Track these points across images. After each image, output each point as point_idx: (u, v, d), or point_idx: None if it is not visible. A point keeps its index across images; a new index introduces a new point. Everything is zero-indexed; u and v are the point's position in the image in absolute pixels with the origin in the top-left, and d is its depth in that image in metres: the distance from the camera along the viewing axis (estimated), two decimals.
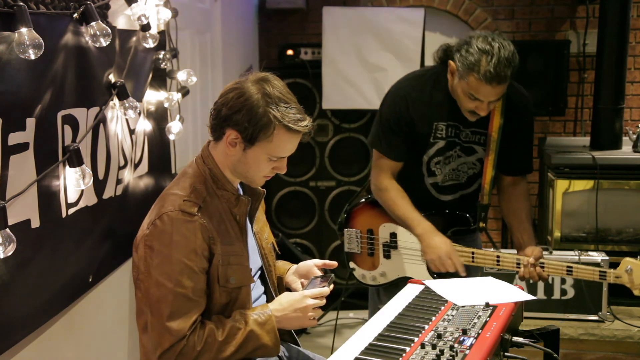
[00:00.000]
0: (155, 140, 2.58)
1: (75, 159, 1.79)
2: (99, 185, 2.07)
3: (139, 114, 2.40)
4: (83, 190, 1.92)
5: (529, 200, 2.62)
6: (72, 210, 1.88)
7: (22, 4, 1.46)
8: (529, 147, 2.63)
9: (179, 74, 2.67)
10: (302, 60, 4.27)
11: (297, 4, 4.57)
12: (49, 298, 1.83)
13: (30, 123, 1.63)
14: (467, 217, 2.59)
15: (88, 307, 2.11)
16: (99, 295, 2.19)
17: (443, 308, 2.02)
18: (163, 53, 2.54)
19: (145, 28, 2.25)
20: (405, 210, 2.49)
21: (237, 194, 1.91)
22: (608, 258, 3.50)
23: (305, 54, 4.30)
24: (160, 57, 2.53)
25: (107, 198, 2.13)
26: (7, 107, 1.52)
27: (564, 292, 3.61)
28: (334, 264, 2.08)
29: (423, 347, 1.68)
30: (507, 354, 1.87)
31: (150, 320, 1.79)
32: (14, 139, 1.56)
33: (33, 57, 1.45)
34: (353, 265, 2.74)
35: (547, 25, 4.62)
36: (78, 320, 2.06)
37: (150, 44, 2.29)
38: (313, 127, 1.85)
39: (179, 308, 1.75)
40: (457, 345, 1.70)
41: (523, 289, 2.31)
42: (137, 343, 1.96)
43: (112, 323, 2.36)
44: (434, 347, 1.69)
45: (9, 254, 1.48)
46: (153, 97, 2.55)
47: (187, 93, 2.74)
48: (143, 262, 1.81)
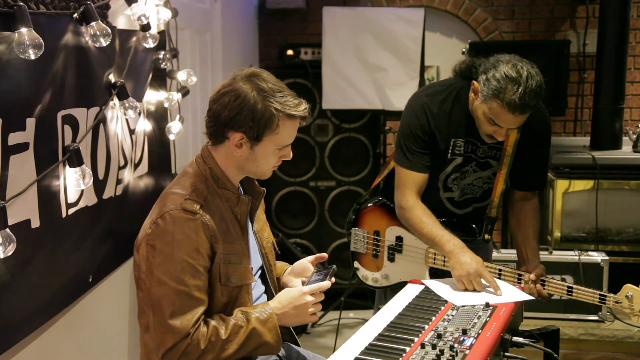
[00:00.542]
0: (155, 140, 2.58)
1: (75, 159, 1.79)
2: (99, 185, 2.07)
3: (139, 114, 2.39)
4: (83, 190, 1.92)
5: (538, 217, 2.58)
6: (72, 210, 1.88)
7: (22, 4, 1.46)
8: (544, 163, 2.61)
9: (179, 74, 2.67)
10: (302, 60, 4.27)
11: (297, 4, 4.57)
12: (49, 298, 1.83)
13: (30, 123, 1.62)
14: (473, 227, 2.58)
15: (88, 307, 2.11)
16: (99, 295, 2.19)
17: (443, 308, 2.02)
18: (163, 53, 2.54)
19: (145, 28, 2.25)
20: (433, 228, 2.41)
21: (237, 193, 1.91)
22: (608, 258, 3.50)
23: (305, 54, 4.30)
24: (160, 57, 2.53)
25: (107, 198, 2.13)
26: (7, 107, 1.52)
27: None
28: (325, 256, 2.08)
29: (423, 347, 1.68)
30: (507, 354, 1.87)
31: (153, 320, 1.79)
32: (14, 139, 1.56)
33: (33, 57, 1.45)
34: (357, 265, 2.73)
35: (547, 25, 4.62)
36: (78, 320, 2.06)
37: (150, 44, 2.29)
38: (309, 107, 1.88)
39: (182, 306, 1.75)
40: (457, 345, 1.70)
41: (523, 290, 2.31)
42: (137, 343, 1.96)
43: (112, 323, 2.36)
44: (434, 347, 1.69)
45: (9, 254, 1.48)
46: (153, 97, 2.55)
47: (187, 93, 2.74)
48: (145, 261, 1.81)
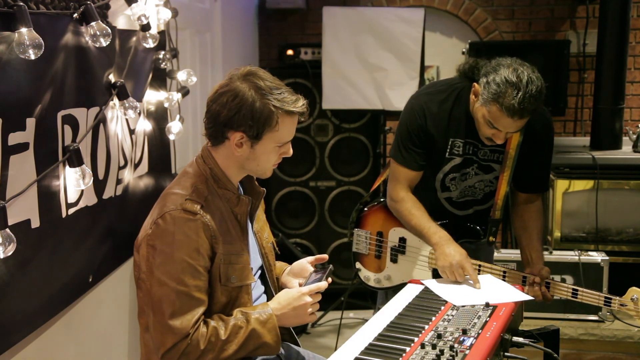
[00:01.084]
0: (155, 140, 2.58)
1: (75, 159, 1.79)
2: (99, 185, 2.07)
3: (139, 114, 2.39)
4: (83, 190, 1.92)
5: (542, 219, 2.58)
6: (72, 210, 1.88)
7: (22, 4, 1.46)
8: (547, 166, 2.61)
9: (179, 74, 2.67)
10: (302, 60, 4.27)
11: (297, 4, 4.57)
12: (49, 298, 1.83)
13: (30, 123, 1.62)
14: (478, 229, 2.58)
15: (88, 307, 2.11)
16: (99, 295, 2.19)
17: (443, 308, 2.02)
18: (163, 53, 2.54)
19: (145, 28, 2.25)
20: (421, 220, 2.45)
21: (237, 194, 1.92)
22: (608, 258, 3.50)
23: (305, 54, 4.30)
24: (160, 57, 2.53)
25: (107, 198, 2.13)
26: (7, 107, 1.52)
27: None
28: (325, 257, 2.08)
29: (423, 347, 1.68)
30: (507, 354, 1.87)
31: (152, 320, 1.79)
32: (14, 139, 1.56)
33: (33, 57, 1.45)
34: (359, 266, 2.73)
35: (547, 25, 4.62)
36: (78, 320, 2.06)
37: (150, 44, 2.29)
38: (307, 103, 1.88)
39: (182, 307, 1.75)
40: (457, 345, 1.70)
41: (523, 290, 2.31)
42: (137, 343, 1.96)
43: (112, 323, 2.36)
44: (434, 347, 1.69)
45: (9, 254, 1.48)
46: (153, 97, 2.55)
47: (187, 93, 2.74)
48: (145, 261, 1.81)
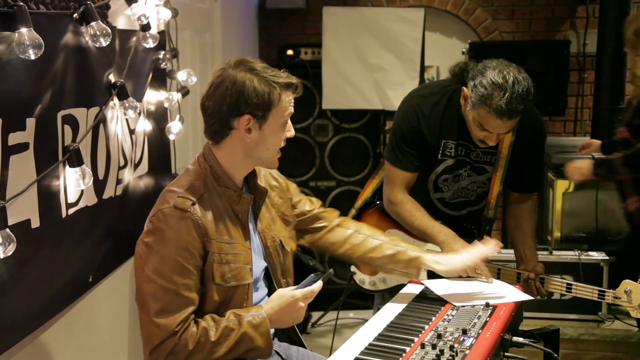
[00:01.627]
0: (155, 140, 2.58)
1: (75, 159, 1.79)
2: (99, 185, 2.07)
3: (139, 114, 2.40)
4: (83, 190, 1.92)
5: (535, 217, 2.61)
6: (72, 210, 1.88)
7: (22, 4, 1.46)
8: (539, 166, 2.64)
9: (179, 74, 2.67)
10: (302, 60, 4.27)
11: (297, 4, 4.57)
12: (49, 298, 1.83)
13: (30, 123, 1.62)
14: (472, 229, 2.59)
15: (88, 307, 2.11)
16: (99, 295, 2.19)
17: (443, 308, 2.02)
18: (163, 53, 2.54)
19: (145, 28, 2.25)
20: (424, 220, 2.45)
21: (239, 192, 1.90)
22: (608, 258, 3.50)
23: (305, 54, 4.30)
24: (160, 57, 2.53)
25: (107, 198, 2.13)
26: (7, 107, 1.52)
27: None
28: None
29: (423, 347, 1.68)
30: (507, 354, 1.87)
31: (141, 317, 1.80)
32: (14, 139, 1.56)
33: (33, 57, 1.45)
34: (354, 269, 2.73)
35: (547, 25, 4.62)
36: (78, 320, 2.06)
37: (150, 44, 2.29)
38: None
39: (169, 305, 1.74)
40: (457, 345, 1.70)
41: (523, 290, 2.31)
42: (137, 343, 1.96)
43: (112, 323, 2.36)
44: (434, 347, 1.69)
45: (9, 254, 1.48)
46: (153, 97, 2.55)
47: (187, 93, 2.74)
48: (139, 258, 1.82)
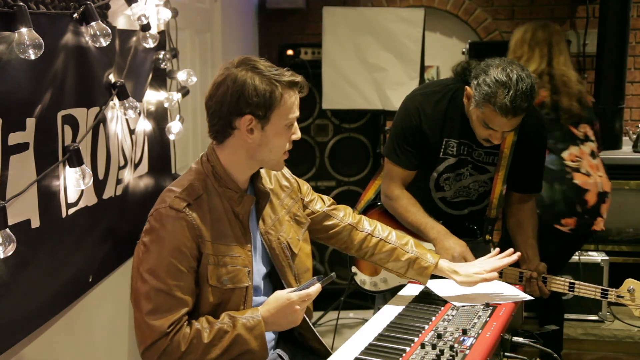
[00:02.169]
0: (155, 140, 2.58)
1: (75, 159, 1.79)
2: (99, 185, 2.07)
3: (139, 114, 2.40)
4: (83, 190, 1.92)
5: (536, 217, 2.61)
6: (72, 210, 1.88)
7: (22, 4, 1.46)
8: (540, 167, 2.63)
9: (179, 74, 2.67)
10: (302, 60, 4.27)
11: (297, 4, 4.57)
12: (49, 298, 1.83)
13: (30, 123, 1.62)
14: (474, 228, 2.59)
15: (88, 307, 2.11)
16: (99, 295, 2.19)
17: (443, 308, 2.02)
18: (163, 53, 2.54)
19: (145, 28, 2.25)
20: (418, 216, 2.46)
21: (240, 192, 1.88)
22: (608, 258, 3.51)
23: (305, 54, 4.30)
24: (160, 57, 2.53)
25: (107, 198, 2.13)
26: (7, 107, 1.52)
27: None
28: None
29: (423, 347, 1.68)
30: (507, 354, 1.87)
31: (134, 315, 1.79)
32: (14, 139, 1.56)
33: (33, 57, 1.45)
34: (355, 270, 2.73)
35: None
36: (78, 320, 2.06)
37: (150, 44, 2.29)
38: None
39: (161, 305, 1.74)
40: (457, 345, 1.70)
41: (523, 290, 2.31)
42: (136, 343, 1.96)
43: (112, 323, 2.36)
44: (434, 347, 1.69)
45: (9, 254, 1.48)
46: (153, 97, 2.55)
47: (187, 93, 2.74)
48: (136, 256, 1.81)
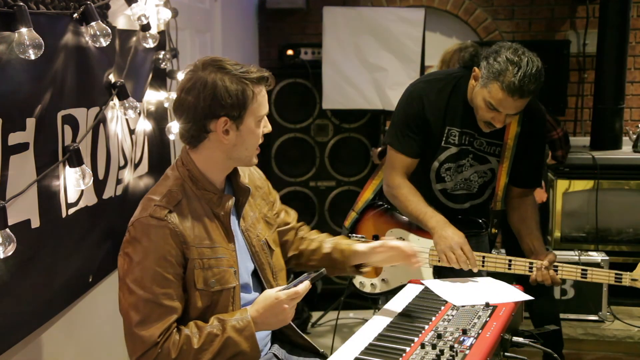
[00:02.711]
0: (155, 140, 2.58)
1: (75, 159, 1.79)
2: (99, 185, 2.07)
3: (139, 114, 2.40)
4: (83, 190, 1.92)
5: (537, 211, 2.60)
6: (72, 210, 1.88)
7: (22, 4, 1.46)
8: (541, 161, 2.63)
9: (179, 74, 2.67)
10: (302, 60, 4.27)
11: (297, 4, 4.57)
12: (49, 298, 1.83)
13: (30, 123, 1.63)
14: (480, 222, 2.58)
15: (88, 307, 2.11)
16: (99, 295, 2.19)
17: (443, 308, 2.02)
18: (163, 53, 2.54)
19: (145, 28, 2.25)
20: (419, 205, 2.46)
21: (219, 194, 1.87)
22: (608, 258, 3.50)
23: (305, 54, 4.30)
24: (160, 57, 2.53)
25: (107, 198, 2.13)
26: (7, 107, 1.52)
27: (564, 292, 3.61)
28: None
29: (423, 347, 1.68)
30: (507, 354, 1.87)
31: (124, 327, 1.78)
32: (14, 139, 1.56)
33: (33, 57, 1.45)
34: None
35: (547, 25, 4.62)
36: (78, 320, 2.06)
37: (150, 44, 2.29)
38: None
39: (149, 315, 1.72)
40: (457, 345, 1.70)
41: (523, 290, 2.31)
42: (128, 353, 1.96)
43: (112, 323, 2.35)
44: (434, 347, 1.69)
45: (9, 254, 1.48)
46: (153, 97, 2.55)
47: None
48: (120, 268, 1.80)
